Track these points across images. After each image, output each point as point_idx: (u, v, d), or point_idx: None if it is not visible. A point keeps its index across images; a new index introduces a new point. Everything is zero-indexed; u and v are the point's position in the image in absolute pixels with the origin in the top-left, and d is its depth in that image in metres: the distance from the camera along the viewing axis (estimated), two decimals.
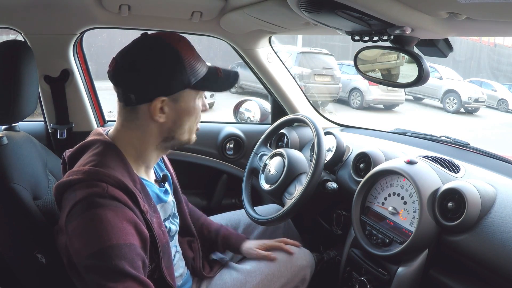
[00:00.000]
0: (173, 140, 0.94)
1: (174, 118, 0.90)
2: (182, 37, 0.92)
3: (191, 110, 0.92)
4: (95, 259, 0.74)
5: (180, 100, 0.89)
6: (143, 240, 0.81)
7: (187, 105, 0.90)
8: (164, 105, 0.87)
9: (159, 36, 0.89)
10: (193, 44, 0.92)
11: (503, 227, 0.97)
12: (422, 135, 1.62)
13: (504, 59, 20.12)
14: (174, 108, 0.89)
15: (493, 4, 0.71)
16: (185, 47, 0.89)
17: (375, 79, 1.23)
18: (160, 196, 0.99)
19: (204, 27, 1.57)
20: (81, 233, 0.76)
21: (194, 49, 0.92)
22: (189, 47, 0.90)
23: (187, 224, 1.16)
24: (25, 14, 1.37)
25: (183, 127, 0.93)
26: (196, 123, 0.97)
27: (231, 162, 1.91)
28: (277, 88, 1.84)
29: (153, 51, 0.86)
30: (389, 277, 1.13)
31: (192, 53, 0.90)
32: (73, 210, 0.78)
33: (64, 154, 0.96)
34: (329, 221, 1.55)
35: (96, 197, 0.78)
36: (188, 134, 0.96)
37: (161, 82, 0.86)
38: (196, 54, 0.92)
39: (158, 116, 0.88)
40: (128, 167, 0.88)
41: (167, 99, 0.87)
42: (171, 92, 0.87)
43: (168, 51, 0.86)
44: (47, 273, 0.94)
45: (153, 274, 0.89)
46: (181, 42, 0.89)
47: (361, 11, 0.87)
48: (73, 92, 1.56)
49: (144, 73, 0.85)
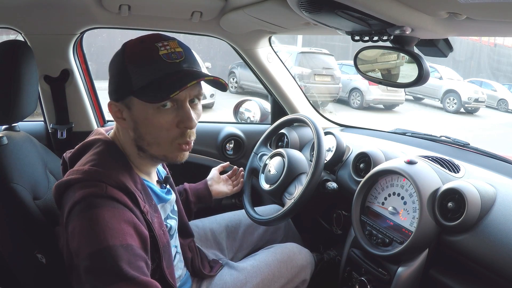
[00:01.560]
0: (146, 151, 0.88)
1: (133, 126, 0.86)
2: (149, 39, 0.84)
3: (145, 121, 0.83)
4: (92, 260, 0.73)
5: (132, 108, 0.84)
6: (142, 241, 0.81)
7: (139, 114, 0.84)
8: (121, 110, 0.86)
9: (126, 42, 0.87)
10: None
11: (503, 227, 0.97)
12: (422, 135, 1.62)
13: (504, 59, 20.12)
14: (129, 116, 0.85)
15: (493, 4, 0.71)
16: (136, 52, 0.82)
17: (375, 79, 1.23)
18: (161, 196, 0.98)
19: (204, 27, 1.57)
20: (79, 233, 0.76)
21: (152, 52, 0.82)
22: (142, 52, 0.82)
23: (184, 223, 1.16)
24: (25, 14, 1.37)
25: (144, 139, 0.86)
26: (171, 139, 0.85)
27: (231, 162, 1.90)
28: (277, 88, 1.84)
29: (113, 56, 0.87)
30: (389, 277, 1.13)
31: (142, 59, 0.82)
32: (73, 211, 0.78)
33: (64, 154, 0.96)
34: (329, 221, 1.55)
35: (94, 197, 0.77)
36: (157, 148, 0.86)
37: (110, 86, 0.87)
38: (148, 60, 0.81)
39: (117, 121, 0.88)
40: (129, 167, 0.88)
41: (120, 105, 0.85)
42: (118, 98, 0.85)
43: (119, 55, 0.85)
44: (47, 273, 0.94)
45: (154, 274, 0.89)
46: (140, 44, 0.83)
47: (361, 11, 0.87)
48: (73, 92, 1.56)
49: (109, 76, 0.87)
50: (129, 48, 0.84)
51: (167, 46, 0.83)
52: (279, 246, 1.31)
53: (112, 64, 0.86)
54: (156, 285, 0.76)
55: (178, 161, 0.89)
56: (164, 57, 0.82)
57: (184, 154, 0.89)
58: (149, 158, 0.91)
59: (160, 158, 0.90)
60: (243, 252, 1.42)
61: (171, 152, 0.88)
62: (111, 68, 0.87)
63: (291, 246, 1.31)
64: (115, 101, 0.86)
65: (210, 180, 1.43)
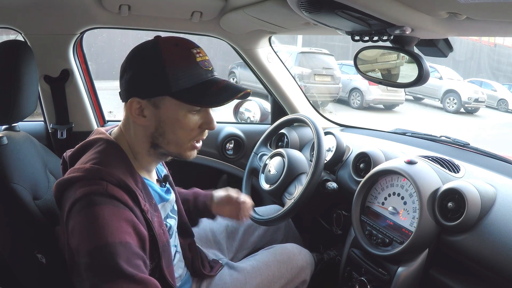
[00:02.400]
0: (160, 148, 0.91)
1: (155, 124, 0.87)
2: (182, 43, 0.87)
3: (174, 121, 0.87)
4: (92, 257, 0.74)
5: (161, 107, 0.86)
6: (141, 240, 0.81)
7: (169, 114, 0.86)
8: (143, 107, 0.86)
9: (157, 39, 0.87)
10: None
11: (503, 227, 0.97)
12: (422, 135, 1.62)
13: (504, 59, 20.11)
14: (154, 114, 0.86)
15: (493, 4, 0.71)
16: (175, 54, 0.85)
17: (375, 79, 1.23)
18: (161, 195, 0.99)
19: (204, 27, 1.57)
20: (79, 231, 0.76)
21: (191, 58, 0.86)
22: (181, 55, 0.85)
23: (184, 222, 1.15)
24: (25, 14, 1.37)
25: (166, 137, 0.89)
26: (190, 139, 0.91)
27: (231, 162, 1.91)
28: (277, 88, 1.84)
29: (141, 52, 0.87)
30: (389, 277, 1.13)
31: (182, 62, 0.85)
32: (73, 208, 0.78)
33: (64, 154, 0.96)
34: (329, 221, 1.55)
35: (95, 195, 0.78)
36: (175, 147, 0.91)
37: (138, 82, 0.86)
38: (189, 64, 0.85)
39: (136, 118, 0.87)
40: (130, 166, 0.89)
41: (145, 102, 0.85)
42: (148, 96, 0.85)
43: (154, 55, 0.85)
44: (47, 273, 0.94)
45: (153, 274, 0.89)
46: (176, 47, 0.85)
47: (361, 11, 0.87)
48: (73, 92, 1.56)
49: (128, 72, 0.86)
50: (166, 48, 0.85)
51: (200, 53, 0.88)
52: (279, 246, 1.31)
53: (143, 62, 0.85)
54: (155, 282, 0.77)
55: (190, 158, 0.94)
56: (201, 64, 0.87)
57: (195, 153, 0.96)
58: (157, 156, 0.93)
59: (174, 155, 0.94)
60: (243, 253, 1.42)
61: (185, 150, 0.92)
62: (140, 66, 0.85)
63: (291, 246, 1.31)
64: (140, 98, 0.86)
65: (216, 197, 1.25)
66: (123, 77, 0.88)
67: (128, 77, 0.86)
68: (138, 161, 0.93)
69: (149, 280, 0.76)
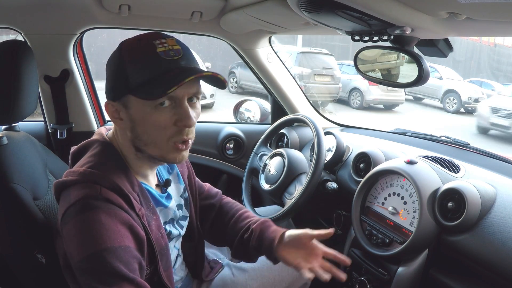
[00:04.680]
0: (143, 152, 0.86)
1: (130, 126, 0.84)
2: (146, 37, 0.83)
3: (142, 119, 0.82)
4: (90, 262, 0.73)
5: (130, 107, 0.82)
6: (139, 243, 0.80)
7: (136, 113, 0.82)
8: (118, 110, 0.85)
9: (123, 41, 0.86)
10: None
11: (503, 227, 0.97)
12: (422, 135, 1.62)
13: (504, 59, 20.10)
14: (127, 115, 0.84)
15: (493, 4, 0.71)
16: (134, 50, 0.82)
17: (375, 79, 1.23)
18: (159, 201, 0.95)
19: (204, 27, 1.57)
20: (75, 236, 0.75)
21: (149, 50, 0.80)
22: (140, 50, 0.81)
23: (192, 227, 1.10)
24: (25, 14, 1.37)
25: (141, 139, 0.84)
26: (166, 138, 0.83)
27: (231, 162, 1.91)
28: (277, 88, 1.84)
29: (110, 56, 0.86)
30: (389, 277, 1.13)
31: (139, 56, 0.81)
32: (67, 212, 0.77)
33: (71, 150, 0.95)
34: (329, 221, 1.55)
35: (89, 199, 0.77)
36: (154, 148, 0.84)
37: (107, 85, 0.86)
38: (146, 57, 0.80)
39: (115, 121, 0.86)
40: (126, 169, 0.87)
41: (117, 104, 0.84)
42: (115, 97, 0.84)
43: (116, 56, 0.84)
44: (47, 273, 0.94)
45: (152, 276, 0.88)
46: (137, 43, 0.82)
47: (361, 11, 0.87)
48: (73, 92, 1.56)
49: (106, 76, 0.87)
50: (126, 46, 0.83)
51: (165, 43, 0.81)
52: None
53: (109, 63, 0.86)
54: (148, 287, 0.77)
55: (177, 162, 0.87)
56: (162, 54, 0.80)
57: (182, 155, 0.87)
58: (147, 159, 0.89)
59: (158, 159, 0.88)
60: None
61: (167, 152, 0.85)
62: (108, 68, 0.86)
63: None
64: (112, 101, 0.85)
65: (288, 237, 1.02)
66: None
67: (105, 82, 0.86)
68: (131, 165, 0.90)
69: (145, 285, 0.77)
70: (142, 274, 0.81)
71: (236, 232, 1.10)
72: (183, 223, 1.04)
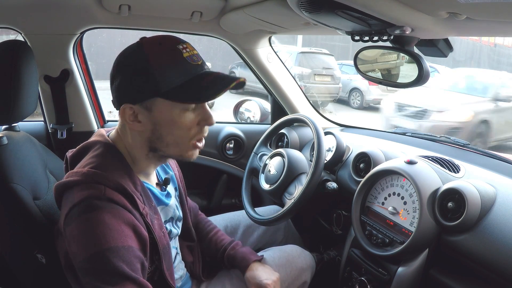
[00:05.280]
0: (160, 151, 0.89)
1: (151, 128, 0.85)
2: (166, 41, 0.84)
3: (169, 121, 0.84)
4: (93, 262, 0.73)
5: (154, 110, 0.83)
6: (142, 243, 0.81)
7: (162, 115, 0.83)
8: (137, 113, 0.84)
9: (141, 41, 0.84)
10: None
11: (503, 227, 0.97)
12: (422, 135, 1.62)
13: (504, 59, 20.10)
14: (148, 117, 0.84)
15: (493, 4, 0.71)
16: (160, 53, 0.82)
17: (375, 79, 1.23)
18: (161, 199, 0.97)
19: (204, 27, 1.57)
20: (79, 236, 0.76)
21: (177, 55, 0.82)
22: (166, 53, 0.82)
23: (188, 228, 1.14)
24: (25, 14, 1.37)
25: (163, 140, 0.86)
26: (190, 138, 0.88)
27: (231, 162, 1.91)
28: (277, 88, 1.84)
29: (127, 57, 0.84)
30: (389, 277, 1.13)
31: (168, 60, 0.82)
32: (71, 213, 0.78)
33: (66, 154, 0.96)
34: (329, 221, 1.55)
35: (93, 200, 0.77)
36: (175, 148, 0.88)
37: (127, 88, 0.83)
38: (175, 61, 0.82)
39: (131, 124, 0.85)
40: (129, 169, 0.88)
41: (138, 107, 0.83)
42: (138, 100, 0.83)
43: (139, 58, 0.82)
44: (47, 273, 0.94)
45: (153, 275, 0.89)
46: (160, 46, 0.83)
47: (361, 11, 0.87)
48: (73, 92, 1.56)
49: (117, 79, 0.84)
50: (150, 50, 0.82)
51: (187, 48, 0.85)
52: (279, 248, 1.30)
53: (128, 66, 0.83)
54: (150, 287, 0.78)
55: (192, 159, 0.92)
56: (188, 59, 0.84)
57: (197, 152, 0.93)
58: (156, 159, 0.92)
59: (174, 157, 0.93)
60: None
61: (187, 151, 0.90)
62: (127, 71, 0.83)
63: (292, 248, 1.30)
64: (131, 104, 0.83)
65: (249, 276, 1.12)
66: (113, 85, 0.85)
67: (117, 83, 0.84)
68: (136, 165, 0.91)
69: (148, 285, 0.77)
70: (144, 273, 0.81)
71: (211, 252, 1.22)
72: (179, 224, 1.07)
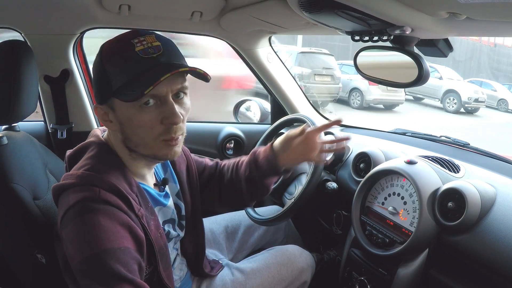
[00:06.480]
0: (136, 152, 0.86)
1: (118, 128, 0.85)
2: (126, 36, 0.81)
3: (129, 120, 0.81)
4: (90, 264, 0.73)
5: (116, 109, 0.82)
6: (138, 244, 0.80)
7: (124, 115, 0.82)
8: (107, 112, 0.85)
9: (106, 41, 0.85)
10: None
11: (503, 227, 0.97)
12: (422, 135, 1.62)
13: (504, 59, 20.11)
14: (114, 117, 0.84)
15: (493, 4, 0.71)
16: (113, 51, 0.81)
17: (375, 79, 1.23)
18: (158, 200, 0.96)
19: (204, 27, 1.57)
20: (75, 238, 0.76)
21: (128, 50, 0.79)
22: (119, 50, 0.80)
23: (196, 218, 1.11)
24: (25, 14, 1.37)
25: (131, 139, 0.84)
26: (154, 137, 0.82)
27: None
28: (277, 88, 1.84)
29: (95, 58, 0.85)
30: (389, 277, 1.13)
31: (118, 57, 0.80)
32: (66, 215, 0.77)
33: (66, 154, 0.95)
34: (329, 221, 1.55)
35: (88, 202, 0.77)
36: (145, 148, 0.84)
37: (94, 89, 0.86)
38: (125, 57, 0.79)
39: (105, 124, 0.86)
40: (124, 170, 0.87)
41: (105, 107, 0.84)
42: (102, 101, 0.84)
43: (97, 58, 0.83)
44: (47, 273, 0.94)
45: (152, 277, 0.88)
46: (116, 43, 0.82)
47: (361, 11, 0.87)
48: (73, 92, 1.56)
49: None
50: (106, 48, 0.83)
51: (143, 41, 0.80)
52: (280, 248, 1.31)
53: (93, 67, 0.85)
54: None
55: (170, 158, 0.86)
56: (141, 53, 0.79)
57: (174, 150, 0.85)
58: (142, 159, 0.89)
59: (151, 158, 0.88)
60: (243, 253, 1.42)
61: (158, 150, 0.84)
62: (93, 72, 0.86)
63: (292, 248, 1.30)
64: (99, 104, 0.85)
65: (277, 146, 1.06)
66: None
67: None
68: (127, 166, 0.90)
69: (145, 285, 0.77)
70: (142, 274, 0.81)
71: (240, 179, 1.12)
72: (183, 223, 1.05)
